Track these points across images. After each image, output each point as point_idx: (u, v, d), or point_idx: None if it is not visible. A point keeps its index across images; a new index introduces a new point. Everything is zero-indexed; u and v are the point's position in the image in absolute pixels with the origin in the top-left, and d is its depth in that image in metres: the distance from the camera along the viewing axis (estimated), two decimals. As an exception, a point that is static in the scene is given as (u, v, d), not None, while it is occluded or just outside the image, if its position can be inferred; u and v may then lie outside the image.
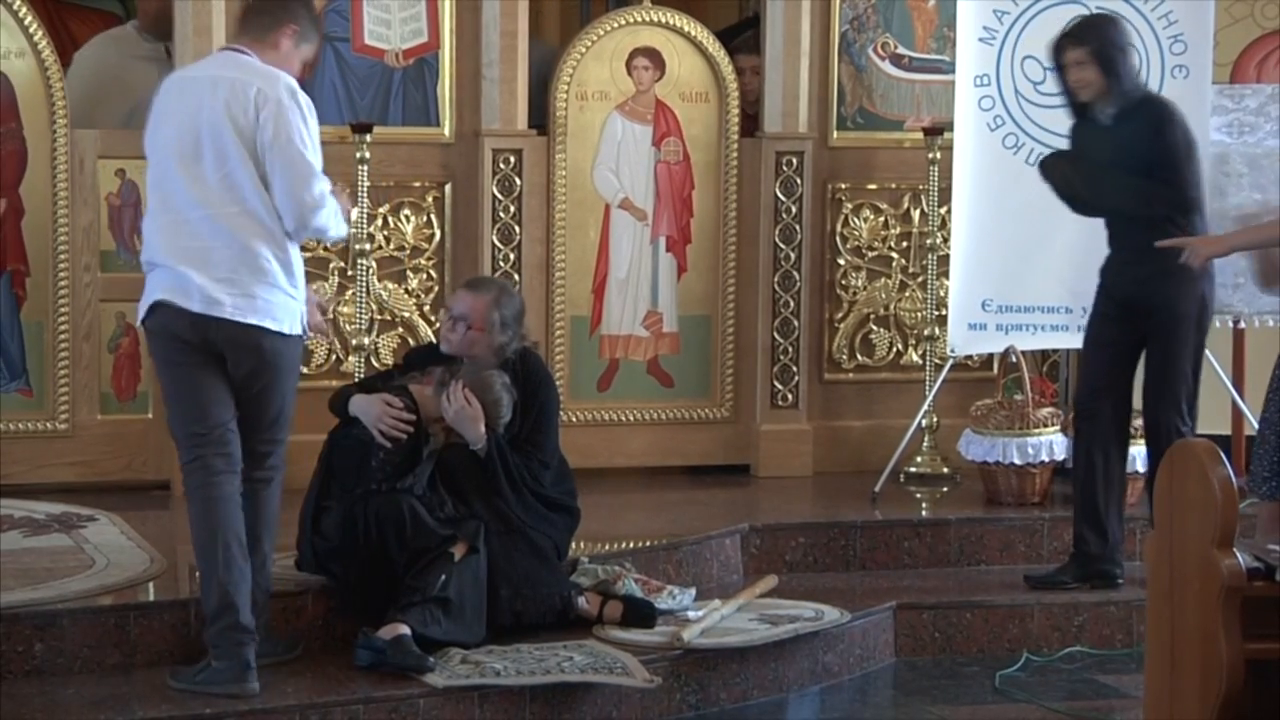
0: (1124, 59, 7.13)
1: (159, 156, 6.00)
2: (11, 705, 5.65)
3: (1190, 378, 7.13)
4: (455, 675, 5.99)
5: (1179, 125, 7.10)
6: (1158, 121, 7.08)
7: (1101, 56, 7.06)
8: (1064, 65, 7.15)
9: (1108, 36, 7.11)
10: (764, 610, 6.84)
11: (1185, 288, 7.01)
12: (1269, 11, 8.58)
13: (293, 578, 6.44)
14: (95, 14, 10.93)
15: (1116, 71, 7.07)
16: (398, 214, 8.10)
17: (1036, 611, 7.19)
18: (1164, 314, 7.05)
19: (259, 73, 5.96)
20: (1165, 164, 7.04)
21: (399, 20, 8.03)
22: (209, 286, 5.83)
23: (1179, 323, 7.07)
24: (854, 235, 8.64)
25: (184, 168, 5.91)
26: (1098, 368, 7.26)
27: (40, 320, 7.78)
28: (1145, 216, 7.00)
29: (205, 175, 5.88)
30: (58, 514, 7.30)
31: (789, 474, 8.44)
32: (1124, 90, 7.08)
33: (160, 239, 5.95)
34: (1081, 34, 7.12)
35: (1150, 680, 4.63)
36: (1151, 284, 7.01)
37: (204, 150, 5.87)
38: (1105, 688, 6.78)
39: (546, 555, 6.50)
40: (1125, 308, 7.11)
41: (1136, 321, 7.10)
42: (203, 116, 5.88)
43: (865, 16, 8.58)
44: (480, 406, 6.44)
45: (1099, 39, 7.08)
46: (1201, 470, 4.41)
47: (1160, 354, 7.14)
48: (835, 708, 6.63)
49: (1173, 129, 7.07)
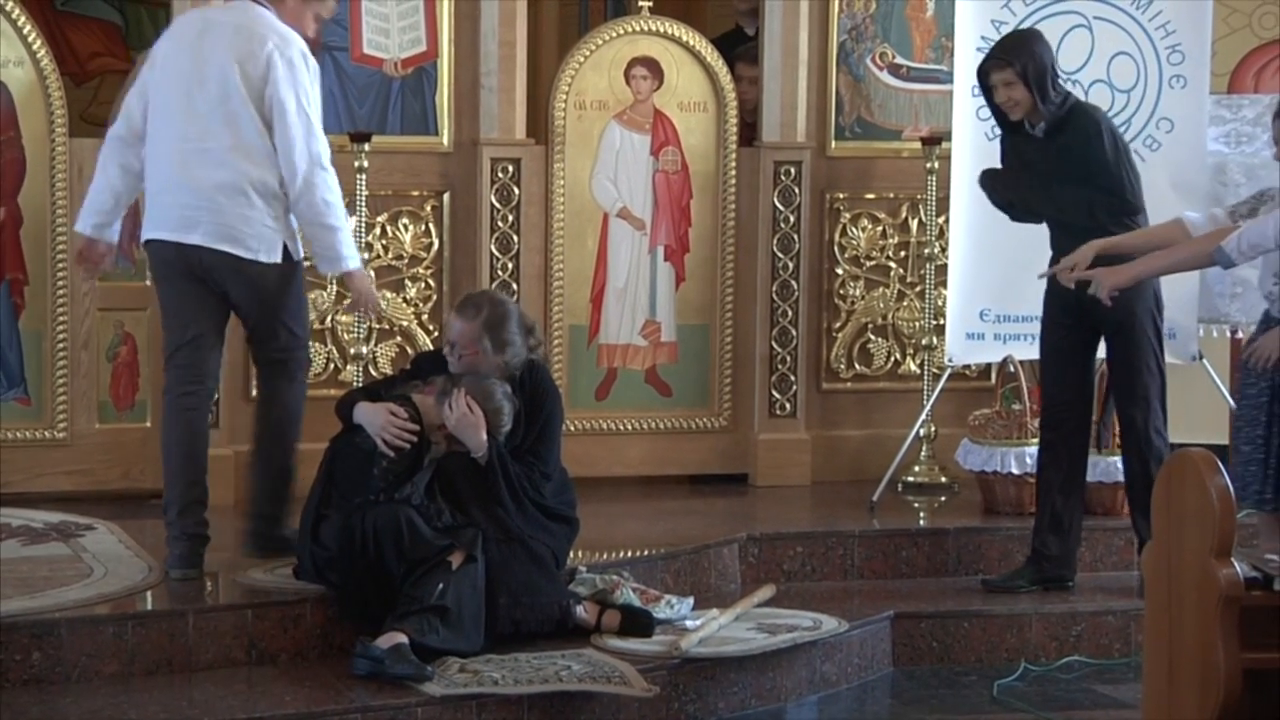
0: (1050, 76, 7.14)
1: (164, 88, 6.51)
2: (9, 714, 5.65)
3: (1156, 373, 7.18)
4: (453, 684, 5.99)
5: (1109, 133, 7.17)
6: (1089, 132, 7.12)
7: (1029, 76, 7.07)
8: (992, 86, 7.17)
9: (1034, 55, 7.12)
10: (762, 619, 6.84)
11: (1136, 290, 7.04)
12: (1267, 22, 8.59)
13: (291, 586, 6.45)
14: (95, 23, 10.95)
15: (1045, 88, 7.09)
16: (396, 223, 8.10)
17: (1034, 621, 7.19)
18: (1118, 314, 7.05)
19: (275, 31, 6.46)
20: (1101, 172, 7.08)
21: (397, 30, 8.03)
22: (187, 213, 6.46)
23: (1135, 323, 7.11)
24: (852, 245, 8.65)
25: (185, 100, 6.47)
26: (1059, 377, 7.29)
27: (39, 329, 7.78)
28: (1087, 224, 7.03)
29: (204, 110, 6.45)
30: (56, 523, 7.30)
31: (787, 483, 8.45)
32: (1052, 105, 7.11)
33: (150, 168, 6.55)
34: (1008, 55, 7.13)
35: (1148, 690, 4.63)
36: None
37: (210, 86, 6.46)
38: (1103, 697, 6.78)
39: (545, 564, 6.50)
40: (1078, 315, 7.12)
41: (1090, 325, 7.11)
42: (216, 58, 6.44)
43: (863, 26, 8.59)
44: (482, 414, 6.44)
45: (1026, 58, 7.09)
46: (1200, 480, 4.41)
47: (1121, 355, 7.18)
48: (833, 717, 6.62)
49: (1103, 138, 7.12)
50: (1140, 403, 7.16)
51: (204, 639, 6.17)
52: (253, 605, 6.31)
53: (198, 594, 6.63)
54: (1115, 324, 7.11)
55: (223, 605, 6.34)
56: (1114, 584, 7.46)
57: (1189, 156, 8.01)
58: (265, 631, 6.26)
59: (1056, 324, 7.23)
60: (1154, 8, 7.96)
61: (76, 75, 10.04)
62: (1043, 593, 7.32)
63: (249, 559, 6.75)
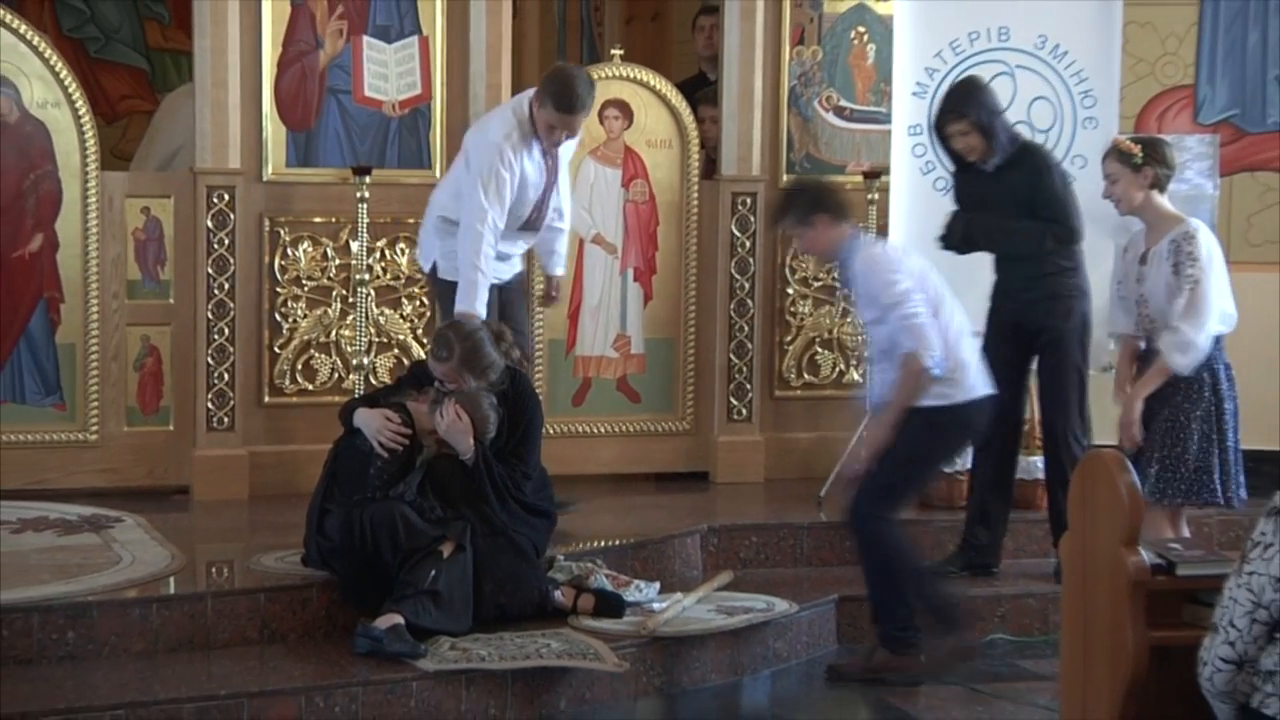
0: (999, 119, 7.16)
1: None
2: (46, 687, 5.63)
3: (1079, 387, 7.19)
4: (445, 660, 5.98)
5: (1055, 169, 7.21)
6: (1038, 168, 7.15)
7: (982, 124, 7.09)
8: (948, 135, 7.19)
9: (983, 104, 7.14)
10: (721, 602, 6.84)
11: (1068, 309, 7.08)
12: (1168, 70, 8.61)
13: (299, 573, 6.43)
14: (124, 68, 10.95)
15: (995, 133, 7.11)
16: (394, 247, 8.08)
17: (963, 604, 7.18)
18: (1052, 332, 7.10)
19: (493, 117, 7.19)
20: (1049, 204, 7.10)
21: (395, 74, 8.02)
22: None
23: (1065, 339, 7.13)
24: (802, 268, 8.65)
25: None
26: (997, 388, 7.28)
27: (73, 342, 7.75)
28: (1035, 252, 7.05)
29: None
30: (88, 515, 7.27)
31: (743, 480, 8.44)
32: (1003, 145, 7.12)
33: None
34: (960, 107, 7.14)
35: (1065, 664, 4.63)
36: (1039, 308, 7.09)
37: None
38: (1025, 671, 6.78)
39: (527, 554, 6.49)
40: (1015, 331, 7.14)
41: (1028, 340, 7.14)
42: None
43: (811, 73, 8.60)
44: (470, 421, 6.44)
45: (977, 109, 7.11)
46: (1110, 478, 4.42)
47: (1051, 368, 7.19)
48: (784, 689, 6.62)
49: (1051, 173, 7.15)
50: (1062, 411, 7.17)
51: (221, 620, 6.15)
52: (265, 590, 6.29)
53: (216, 579, 6.62)
54: (1047, 342, 7.13)
55: (238, 590, 6.32)
56: (1034, 570, 7.46)
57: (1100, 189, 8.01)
58: (276, 613, 6.24)
59: (997, 340, 7.23)
60: (1069, 57, 7.97)
61: (107, 115, 10.04)
62: (971, 578, 7.33)
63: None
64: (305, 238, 7.97)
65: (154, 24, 11.03)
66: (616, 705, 6.23)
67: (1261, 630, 3.88)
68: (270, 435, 7.93)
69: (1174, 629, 4.37)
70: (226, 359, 7.84)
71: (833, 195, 6.63)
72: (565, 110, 6.90)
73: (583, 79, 7.00)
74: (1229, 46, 8.56)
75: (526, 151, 7.00)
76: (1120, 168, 6.56)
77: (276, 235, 7.95)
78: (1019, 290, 7.12)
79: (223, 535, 7.34)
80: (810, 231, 6.49)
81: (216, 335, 7.81)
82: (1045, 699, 6.23)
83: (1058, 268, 7.11)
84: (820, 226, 6.46)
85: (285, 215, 7.95)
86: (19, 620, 5.87)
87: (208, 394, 7.82)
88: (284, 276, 7.96)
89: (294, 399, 7.98)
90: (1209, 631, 4.00)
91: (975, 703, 6.42)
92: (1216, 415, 6.44)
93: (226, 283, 7.81)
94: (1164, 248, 6.41)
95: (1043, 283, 7.09)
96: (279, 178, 7.92)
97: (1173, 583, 4.42)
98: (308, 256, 7.97)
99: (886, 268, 6.36)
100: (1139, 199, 6.52)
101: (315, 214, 7.98)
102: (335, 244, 7.99)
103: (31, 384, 7.73)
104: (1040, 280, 7.08)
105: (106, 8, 10.89)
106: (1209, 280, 6.33)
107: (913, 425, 6.33)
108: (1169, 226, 6.46)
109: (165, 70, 10.86)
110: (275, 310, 7.96)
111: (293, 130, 7.91)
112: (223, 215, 7.79)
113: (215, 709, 5.62)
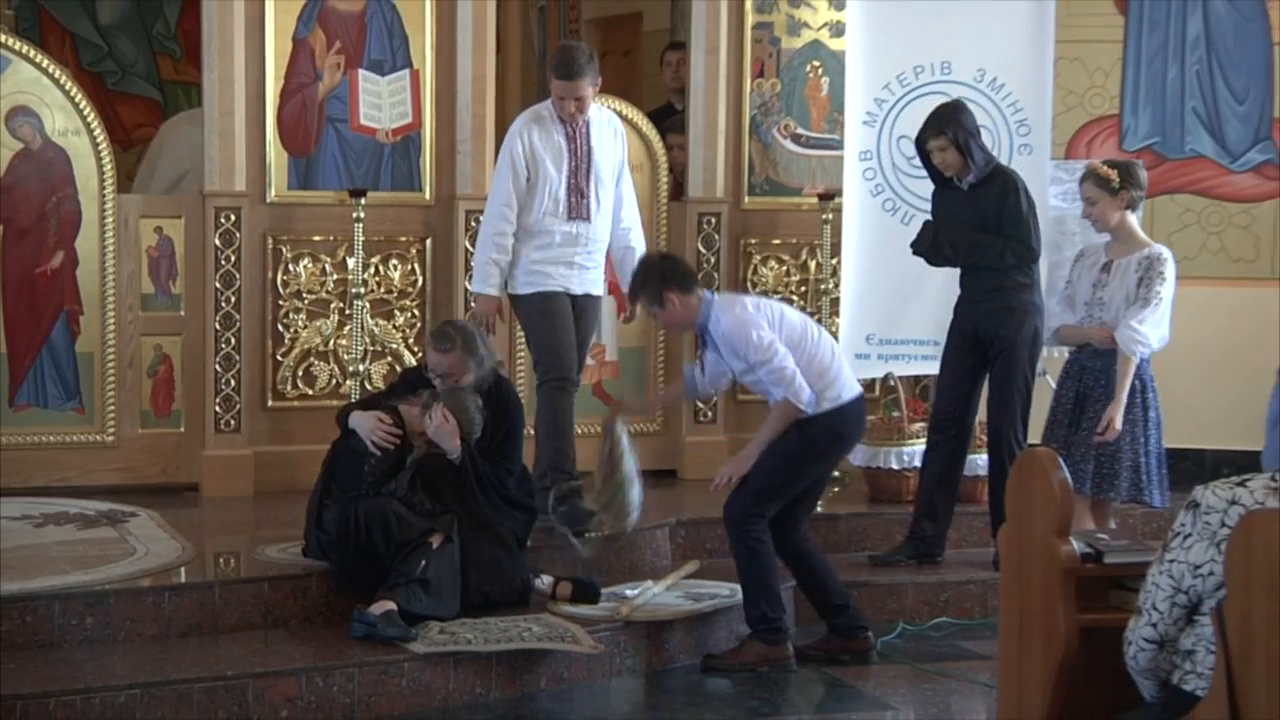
0: (975, 139, 7.17)
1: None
2: (67, 669, 5.62)
3: (1024, 394, 7.20)
4: (434, 643, 5.96)
5: (1023, 191, 7.17)
6: (1006, 189, 7.14)
7: (959, 142, 7.10)
8: (929, 151, 7.19)
9: (962, 124, 7.14)
10: (688, 589, 6.84)
11: (1021, 321, 7.09)
12: (1096, 101, 8.63)
13: (300, 564, 6.42)
14: (138, 99, 10.93)
15: (971, 151, 7.11)
16: (387, 263, 8.07)
17: (910, 589, 7.20)
18: (1004, 343, 7.11)
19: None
20: (1013, 223, 7.10)
21: (388, 105, 8.00)
22: None
23: (1016, 349, 7.13)
24: (762, 281, 8.65)
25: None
26: (952, 392, 7.30)
27: (91, 351, 7.72)
28: (996, 266, 7.07)
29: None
30: (105, 511, 7.25)
31: (709, 477, 8.32)
32: (978, 164, 7.13)
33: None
34: (940, 125, 7.15)
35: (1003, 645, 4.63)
36: (995, 318, 7.09)
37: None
38: (966, 651, 6.79)
39: (509, 545, 6.47)
40: (974, 339, 7.15)
41: (982, 349, 7.14)
42: None
43: (771, 103, 8.60)
44: (456, 423, 6.42)
45: (955, 127, 7.12)
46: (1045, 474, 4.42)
47: (1000, 375, 7.19)
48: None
49: (1018, 195, 7.14)
50: (1007, 416, 7.17)
51: (228, 606, 6.14)
52: (268, 579, 6.28)
53: (223, 570, 6.59)
54: (999, 351, 7.13)
55: (244, 579, 6.31)
56: (975, 559, 7.47)
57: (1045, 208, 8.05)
58: (278, 600, 6.22)
59: (956, 347, 7.25)
60: (1006, 89, 7.99)
61: (123, 142, 10.02)
62: (918, 566, 7.33)
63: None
64: (305, 254, 7.96)
65: (166, 58, 11.02)
66: (592, 684, 6.22)
67: (1181, 613, 3.89)
68: (273, 436, 7.91)
69: (1102, 612, 4.37)
70: (233, 366, 7.82)
71: (676, 269, 6.45)
72: (563, 76, 6.89)
73: (581, 50, 7.01)
74: (1150, 80, 8.59)
75: (541, 130, 6.98)
76: (1099, 191, 6.66)
77: (279, 252, 7.93)
78: (979, 300, 7.12)
79: (229, 529, 7.32)
80: (665, 311, 6.35)
81: (224, 344, 7.80)
82: (985, 676, 6.24)
83: (1016, 283, 7.10)
84: (673, 303, 6.31)
85: (287, 234, 7.93)
86: (42, 607, 5.86)
87: (216, 398, 7.80)
88: (286, 290, 7.94)
89: (295, 403, 7.96)
90: (1134, 614, 4.01)
91: (922, 680, 6.43)
92: (1143, 421, 6.59)
93: (233, 296, 7.80)
94: (1133, 262, 6.57)
95: (1001, 295, 7.07)
96: (281, 199, 7.90)
97: (1101, 570, 4.42)
98: (308, 272, 7.95)
99: (746, 324, 6.21)
100: (1115, 219, 6.68)
101: (315, 233, 7.97)
102: (333, 260, 7.97)
103: (53, 390, 7.71)
104: (998, 293, 7.07)
105: (123, 44, 10.89)
106: (1170, 300, 6.56)
107: (786, 435, 6.31)
108: (1138, 245, 6.66)
109: (177, 101, 10.84)
110: (278, 321, 7.94)
111: (294, 156, 7.90)
112: (229, 234, 7.78)
113: (223, 688, 5.61)
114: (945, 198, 7.25)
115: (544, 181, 6.95)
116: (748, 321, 6.24)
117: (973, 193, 7.14)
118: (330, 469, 6.47)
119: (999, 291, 7.08)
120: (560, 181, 6.97)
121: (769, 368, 6.22)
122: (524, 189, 6.95)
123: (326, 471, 6.48)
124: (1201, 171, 8.59)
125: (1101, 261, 6.70)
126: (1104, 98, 8.61)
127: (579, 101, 6.92)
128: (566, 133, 6.99)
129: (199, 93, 8.22)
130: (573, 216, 7.02)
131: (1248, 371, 7.75)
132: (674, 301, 6.31)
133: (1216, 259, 8.54)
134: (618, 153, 7.20)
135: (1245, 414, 5.59)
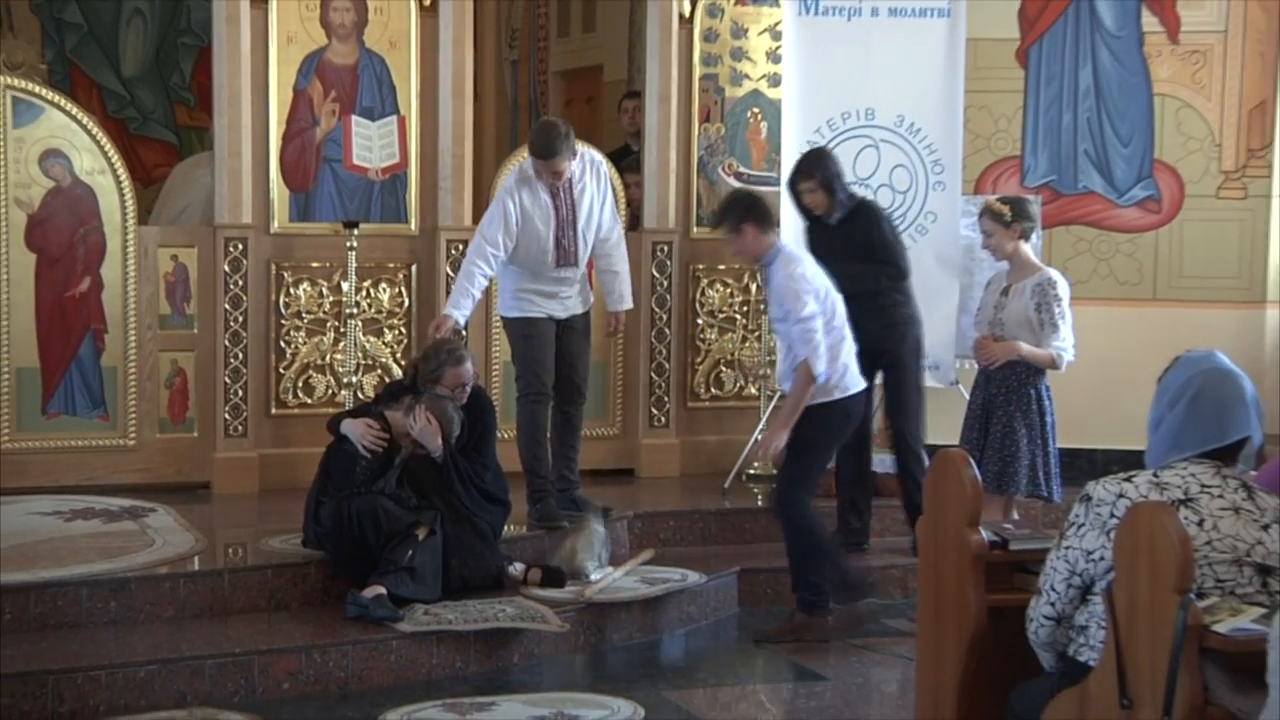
0: (839, 180, 7.18)
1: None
2: (93, 646, 5.59)
3: (917, 396, 7.22)
4: (419, 623, 5.95)
5: (885, 221, 7.23)
6: (871, 220, 7.17)
7: (824, 183, 7.12)
8: (799, 192, 7.21)
9: (827, 168, 7.16)
10: (645, 574, 6.83)
11: (903, 335, 7.12)
12: (1000, 143, 8.66)
13: (299, 553, 6.39)
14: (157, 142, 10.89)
15: (835, 191, 7.13)
16: (377, 286, 8.04)
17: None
18: (891, 354, 7.11)
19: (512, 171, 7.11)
20: (881, 248, 7.12)
21: (378, 146, 7.99)
22: None
23: (903, 359, 7.16)
24: (709, 302, 8.65)
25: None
26: None
27: (114, 365, 7.67)
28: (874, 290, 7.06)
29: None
30: (127, 507, 7.20)
31: (662, 475, 8.44)
32: (842, 202, 7.15)
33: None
34: (809, 170, 7.18)
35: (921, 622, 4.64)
36: (878, 334, 7.03)
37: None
38: (890, 627, 6.80)
39: (486, 536, 6.46)
40: (865, 352, 7.15)
41: (872, 361, 7.13)
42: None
43: (716, 145, 8.61)
44: (438, 425, 6.41)
45: (821, 171, 7.14)
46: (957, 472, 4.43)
47: (894, 383, 7.21)
48: (696, 645, 6.62)
49: (882, 224, 7.19)
50: (908, 418, 7.19)
51: (236, 591, 6.12)
52: (272, 566, 6.26)
53: (232, 558, 6.56)
54: (888, 362, 7.15)
55: (250, 566, 6.28)
56: (896, 546, 7.48)
57: (947, 240, 8.07)
58: (281, 586, 6.20)
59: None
60: (922, 132, 8.02)
61: (143, 180, 9.94)
62: (849, 554, 7.31)
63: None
64: (305, 279, 7.92)
65: (182, 106, 10.98)
66: (559, 659, 6.22)
67: (1076, 593, 3.90)
68: (276, 440, 7.86)
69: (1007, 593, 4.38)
70: (240, 378, 7.78)
71: (760, 207, 6.47)
72: (540, 155, 6.86)
73: (557, 131, 6.90)
74: (1048, 125, 8.63)
75: (529, 191, 6.92)
76: (994, 224, 6.68)
77: (281, 277, 7.90)
78: (864, 321, 7.09)
79: (237, 522, 7.28)
80: (739, 238, 6.41)
81: (232, 359, 7.76)
82: (905, 650, 6.25)
83: (893, 301, 7.14)
84: (748, 234, 6.36)
85: (288, 261, 7.90)
86: (70, 592, 5.84)
87: (225, 407, 7.75)
88: (287, 311, 7.91)
89: (296, 411, 7.92)
90: (1035, 595, 4.02)
91: (849, 654, 6.43)
92: (1040, 425, 6.60)
93: (240, 316, 7.76)
94: (1028, 287, 6.59)
95: (882, 314, 7.08)
96: (283, 230, 7.87)
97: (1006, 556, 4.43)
98: (307, 295, 7.92)
99: (801, 287, 6.28)
100: (1010, 248, 6.68)
101: (313, 260, 7.94)
102: (329, 284, 7.94)
103: (81, 399, 7.66)
104: (880, 312, 7.06)
105: (143, 93, 10.86)
106: (1069, 312, 6.60)
107: (805, 423, 6.33)
108: (1031, 271, 6.67)
109: (191, 144, 10.80)
110: (280, 338, 7.90)
111: (294, 192, 7.87)
112: (237, 261, 7.74)
113: (231, 664, 5.59)
114: (816, 234, 7.25)
115: (533, 237, 6.93)
116: (800, 286, 6.28)
117: (841, 227, 7.15)
118: (326, 469, 6.45)
119: (880, 311, 7.06)
120: (548, 236, 6.97)
121: (803, 326, 6.24)
122: (515, 235, 6.91)
123: (322, 471, 6.46)
124: (1092, 205, 8.63)
125: (1003, 286, 6.73)
126: (1007, 140, 8.65)
127: (556, 175, 6.92)
128: (551, 191, 6.97)
129: (211, 137, 8.19)
130: (560, 264, 7.01)
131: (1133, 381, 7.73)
132: (749, 233, 6.33)
133: (1106, 282, 8.60)
134: (601, 189, 7.15)
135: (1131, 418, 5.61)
